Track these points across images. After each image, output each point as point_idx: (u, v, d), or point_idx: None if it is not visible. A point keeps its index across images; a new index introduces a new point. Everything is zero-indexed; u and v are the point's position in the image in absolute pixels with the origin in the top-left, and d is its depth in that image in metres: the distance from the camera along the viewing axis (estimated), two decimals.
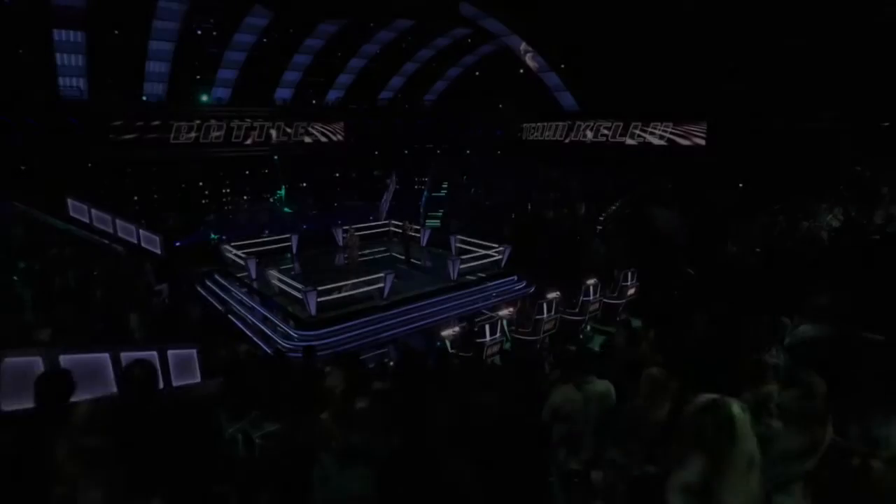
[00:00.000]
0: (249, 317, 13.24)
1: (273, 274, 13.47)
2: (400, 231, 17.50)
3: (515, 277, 15.75)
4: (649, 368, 3.46)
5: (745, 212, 15.77)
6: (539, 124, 27.64)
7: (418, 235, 18.17)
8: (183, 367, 8.19)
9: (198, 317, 10.97)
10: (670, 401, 3.36)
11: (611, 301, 11.75)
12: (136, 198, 23.06)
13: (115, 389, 6.91)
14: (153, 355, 7.66)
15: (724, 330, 5.32)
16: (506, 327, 9.09)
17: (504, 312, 10.22)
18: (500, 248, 15.74)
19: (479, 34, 26.38)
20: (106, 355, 6.76)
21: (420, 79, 30.36)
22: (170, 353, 7.91)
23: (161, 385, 7.77)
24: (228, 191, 25.94)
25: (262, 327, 12.49)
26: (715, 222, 16.63)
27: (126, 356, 7.08)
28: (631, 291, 12.02)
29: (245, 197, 26.54)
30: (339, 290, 12.87)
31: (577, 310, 10.89)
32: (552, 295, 11.09)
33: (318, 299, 11.92)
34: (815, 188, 14.29)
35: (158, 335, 10.01)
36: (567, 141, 26.45)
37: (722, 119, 20.78)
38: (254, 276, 14.85)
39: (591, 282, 11.96)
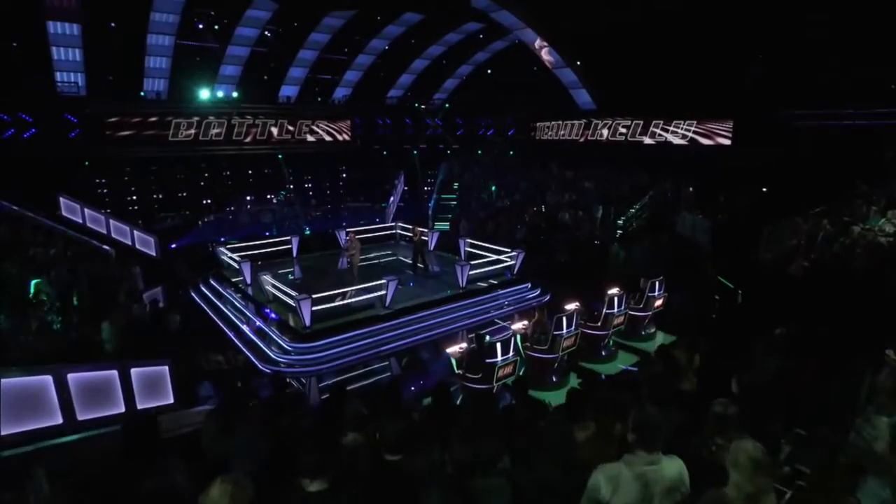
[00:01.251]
0: (243, 326, 12.21)
1: (266, 279, 12.45)
2: (410, 235, 16.33)
3: (528, 285, 14.62)
4: (740, 440, 2.34)
5: (776, 215, 14.53)
6: (553, 123, 26.51)
7: (427, 239, 16.95)
8: (151, 386, 7.18)
9: (177, 326, 9.96)
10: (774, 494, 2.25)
11: (636, 313, 10.58)
12: (133, 197, 22.32)
13: (59, 420, 5.91)
14: (112, 375, 6.68)
15: (805, 368, 4.14)
16: (519, 345, 7.95)
17: (517, 326, 9.09)
18: (513, 253, 14.63)
19: (491, 29, 25.34)
20: (48, 378, 5.75)
21: (430, 77, 29.40)
22: (134, 371, 6.89)
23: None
24: (231, 191, 25.11)
25: (254, 338, 11.45)
26: (743, 226, 15.43)
27: (74, 378, 6.08)
28: (658, 303, 10.83)
29: (249, 197, 25.72)
30: (336, 297, 11.82)
31: (599, 323, 9.75)
32: (571, 306, 9.96)
33: (314, 308, 10.87)
34: (859, 191, 13.00)
35: (132, 347, 9.02)
36: (582, 140, 25.29)
37: (749, 117, 19.53)
38: (248, 280, 13.86)
39: (613, 291, 10.80)
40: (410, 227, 16.87)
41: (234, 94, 23.33)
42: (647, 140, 23.25)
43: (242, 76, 23.84)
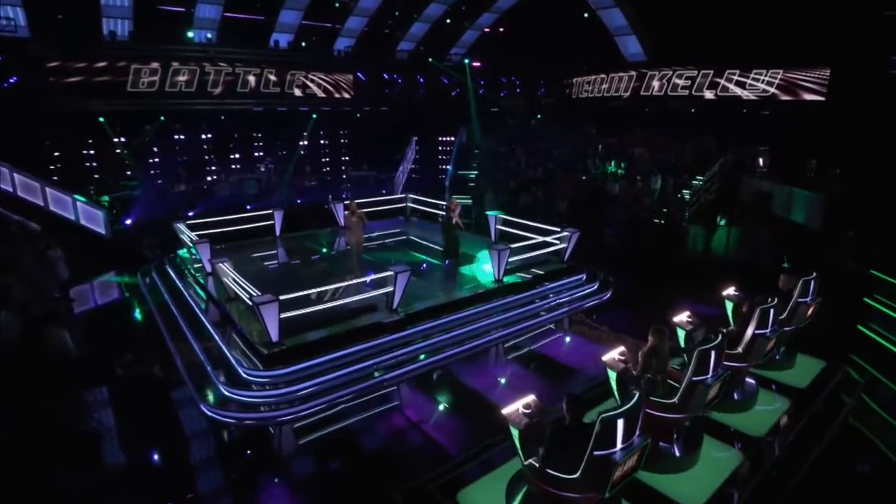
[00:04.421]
0: (190, 337, 8.56)
1: (224, 268, 8.74)
2: (442, 214, 11.71)
3: (583, 276, 10.88)
4: None
5: None
6: (594, 77, 22.34)
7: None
8: None
9: (56, 346, 6.33)
10: None
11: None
12: (92, 163, 18.61)
13: None
14: None
15: None
16: (615, 388, 4.21)
17: (611, 357, 5.30)
18: (564, 234, 10.80)
19: None
20: None
21: (446, 28, 25.25)
22: None
23: None
24: (212, 156, 21.32)
25: (201, 358, 7.80)
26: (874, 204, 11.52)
27: None
28: (810, 312, 7.06)
29: (235, 165, 22.03)
30: (320, 297, 8.14)
31: (740, 349, 6.01)
32: (680, 318, 6.19)
33: (283, 315, 7.18)
34: None
35: None
36: (629, 96, 21.18)
37: (854, 63, 15.38)
38: (208, 268, 10.17)
39: (731, 292, 7.00)
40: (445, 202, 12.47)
41: (209, 37, 19.24)
42: (709, 95, 19.17)
43: (224, 21, 19.83)
